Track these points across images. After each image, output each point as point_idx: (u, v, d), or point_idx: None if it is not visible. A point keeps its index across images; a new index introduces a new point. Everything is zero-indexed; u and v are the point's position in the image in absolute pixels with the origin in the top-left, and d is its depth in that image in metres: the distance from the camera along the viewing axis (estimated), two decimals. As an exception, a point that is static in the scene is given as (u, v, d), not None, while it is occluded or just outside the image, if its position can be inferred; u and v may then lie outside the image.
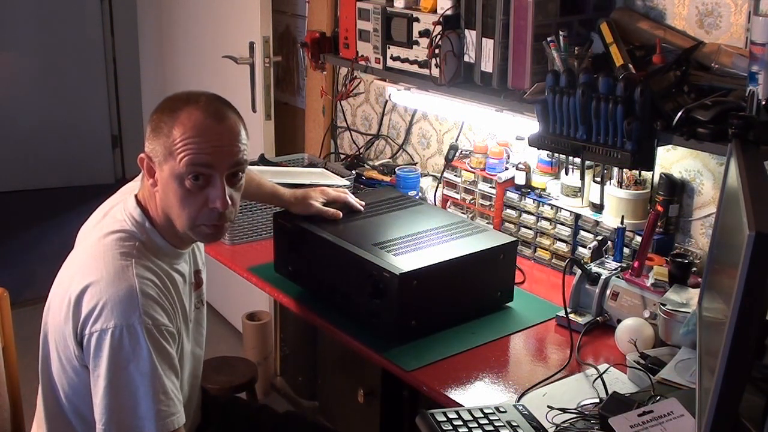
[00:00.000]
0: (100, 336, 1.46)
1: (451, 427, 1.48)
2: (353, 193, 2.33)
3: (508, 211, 2.36)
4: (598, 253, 2.04)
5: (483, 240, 2.00)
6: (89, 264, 1.53)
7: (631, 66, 1.89)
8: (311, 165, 2.75)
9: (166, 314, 1.53)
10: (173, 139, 1.52)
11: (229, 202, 1.57)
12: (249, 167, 2.03)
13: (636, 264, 1.91)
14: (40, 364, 1.65)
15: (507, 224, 2.37)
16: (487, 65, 2.13)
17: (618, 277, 1.92)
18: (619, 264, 1.98)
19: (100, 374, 1.47)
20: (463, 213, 2.46)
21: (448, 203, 2.53)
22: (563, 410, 1.57)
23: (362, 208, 2.15)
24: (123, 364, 1.47)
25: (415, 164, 2.81)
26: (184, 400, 1.60)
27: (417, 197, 2.54)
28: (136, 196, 1.63)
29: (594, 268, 1.96)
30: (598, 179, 2.08)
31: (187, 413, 1.60)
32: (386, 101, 2.84)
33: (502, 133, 2.46)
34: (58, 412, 1.63)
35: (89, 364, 1.50)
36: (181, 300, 1.64)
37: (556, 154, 2.22)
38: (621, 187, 2.07)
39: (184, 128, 1.52)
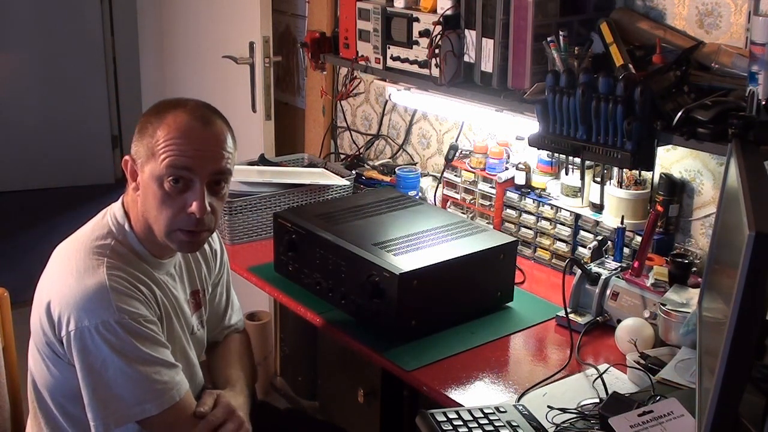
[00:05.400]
0: (76, 336, 1.47)
1: (451, 427, 1.48)
2: (353, 194, 2.32)
3: (508, 211, 2.36)
4: (598, 253, 2.04)
5: (483, 240, 2.00)
6: (62, 265, 1.54)
7: (631, 66, 1.89)
8: (311, 165, 2.75)
9: (143, 306, 1.52)
10: (156, 140, 1.52)
11: (208, 209, 1.54)
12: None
13: (636, 264, 1.91)
14: (29, 366, 1.66)
15: (507, 224, 2.37)
16: (487, 65, 2.13)
17: (618, 277, 1.92)
18: (619, 264, 1.98)
19: (85, 373, 1.49)
20: (463, 213, 2.46)
21: (448, 203, 2.53)
22: (563, 410, 1.57)
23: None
24: (103, 362, 1.47)
25: (415, 164, 2.81)
26: None
27: (417, 197, 2.53)
28: (122, 199, 1.63)
29: (594, 268, 1.96)
30: (598, 179, 2.08)
31: None
32: (386, 101, 2.84)
33: (502, 133, 2.46)
34: (49, 413, 1.63)
35: (73, 363, 1.51)
36: (168, 314, 1.62)
37: (556, 154, 2.21)
38: (621, 187, 2.07)
39: (168, 129, 1.52)
